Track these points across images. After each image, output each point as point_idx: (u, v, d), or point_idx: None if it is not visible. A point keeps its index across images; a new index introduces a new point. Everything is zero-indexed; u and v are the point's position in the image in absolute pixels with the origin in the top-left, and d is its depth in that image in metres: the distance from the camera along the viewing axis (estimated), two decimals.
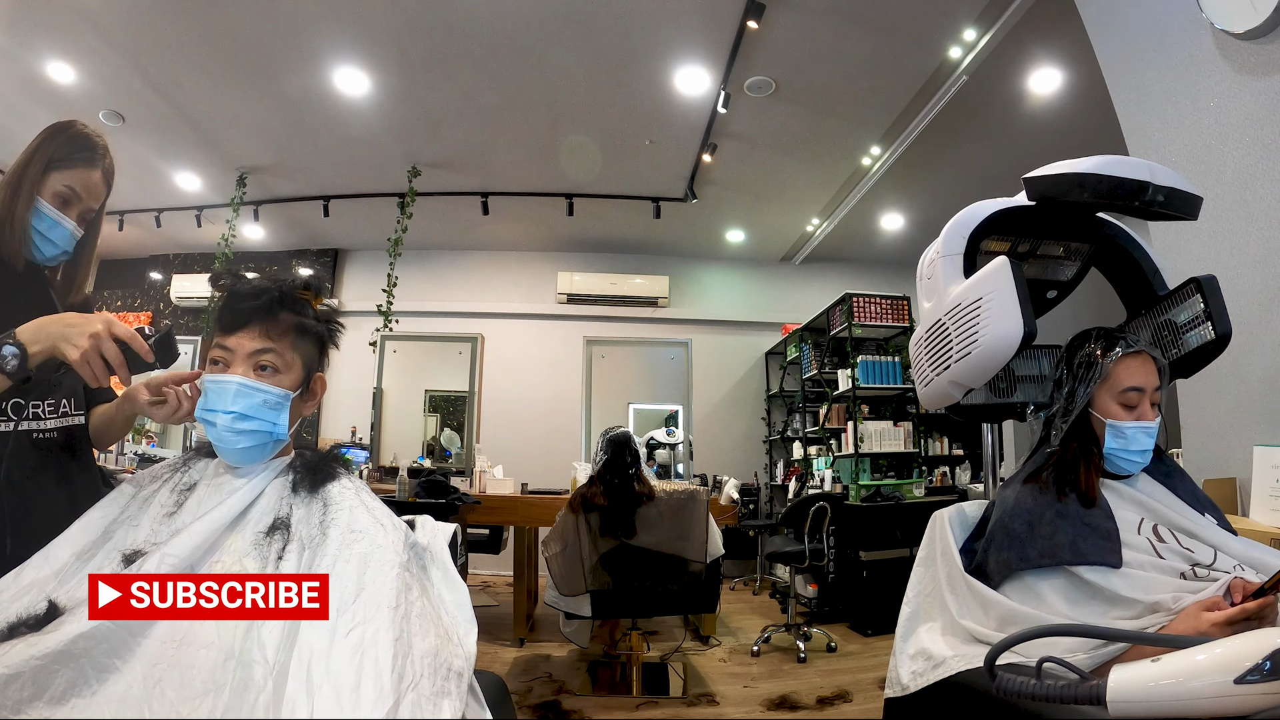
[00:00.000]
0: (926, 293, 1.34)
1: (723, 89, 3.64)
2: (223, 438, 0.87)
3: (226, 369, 0.88)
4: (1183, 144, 2.04)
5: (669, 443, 5.07)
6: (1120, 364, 1.12)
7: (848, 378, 4.80)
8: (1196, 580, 0.98)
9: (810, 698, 2.73)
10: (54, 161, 1.09)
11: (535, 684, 2.90)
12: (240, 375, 0.87)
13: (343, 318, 1.05)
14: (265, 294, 0.90)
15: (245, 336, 0.88)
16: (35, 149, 1.10)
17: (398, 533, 0.87)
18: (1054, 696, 0.67)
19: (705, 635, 3.69)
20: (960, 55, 3.37)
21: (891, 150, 4.26)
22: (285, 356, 0.90)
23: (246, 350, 0.88)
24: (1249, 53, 1.83)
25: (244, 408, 0.86)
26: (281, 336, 0.90)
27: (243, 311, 0.89)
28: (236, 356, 0.88)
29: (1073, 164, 1.15)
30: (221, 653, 0.73)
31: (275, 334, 0.90)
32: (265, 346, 0.89)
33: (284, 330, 0.91)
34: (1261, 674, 0.57)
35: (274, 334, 0.90)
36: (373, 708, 0.66)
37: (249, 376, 0.88)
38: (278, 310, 0.90)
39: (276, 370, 0.90)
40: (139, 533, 0.84)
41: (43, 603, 0.75)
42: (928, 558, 1.23)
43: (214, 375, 0.88)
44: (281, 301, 0.91)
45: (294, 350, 0.92)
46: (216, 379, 0.87)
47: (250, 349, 0.88)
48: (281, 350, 0.90)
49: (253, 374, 0.88)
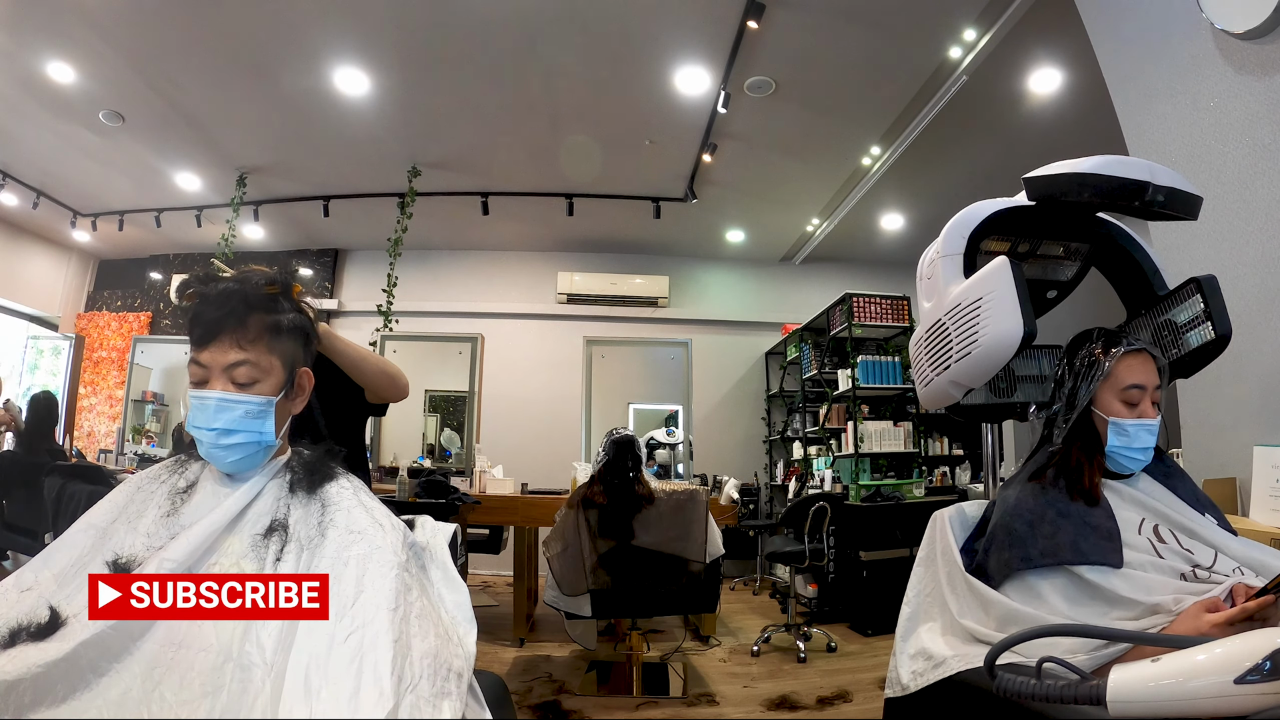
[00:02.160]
0: (926, 293, 1.34)
1: (723, 89, 3.64)
2: (211, 454, 0.87)
3: (205, 384, 0.86)
4: (1183, 144, 2.04)
5: (669, 443, 5.07)
6: (1122, 362, 1.12)
7: (848, 378, 4.80)
8: (1197, 581, 0.98)
9: (810, 698, 2.73)
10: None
11: (535, 684, 2.90)
12: (219, 390, 0.86)
13: (343, 318, 1.05)
14: (231, 301, 0.87)
15: (218, 350, 0.86)
16: None
17: (396, 533, 0.87)
18: (1054, 696, 0.67)
19: (705, 635, 3.69)
20: (960, 55, 3.37)
21: (891, 150, 4.26)
22: (262, 363, 0.88)
23: (221, 365, 0.86)
24: (1249, 53, 1.83)
25: (226, 423, 0.85)
26: (255, 343, 0.87)
27: (212, 323, 0.86)
28: (212, 371, 0.86)
29: (1073, 164, 1.16)
30: (220, 655, 0.73)
31: (247, 342, 0.87)
32: (239, 359, 0.86)
33: (256, 336, 0.88)
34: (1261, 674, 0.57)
35: (246, 342, 0.87)
36: (372, 709, 0.66)
37: (228, 390, 0.86)
38: (246, 317, 0.87)
39: (255, 380, 0.87)
40: (137, 536, 0.84)
41: (44, 609, 0.75)
42: (928, 558, 1.23)
43: (194, 391, 0.87)
44: (249, 306, 0.88)
45: (270, 353, 0.89)
46: (197, 395, 0.86)
47: (224, 363, 0.86)
48: (256, 358, 0.87)
49: (231, 387, 0.86)
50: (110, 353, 6.06)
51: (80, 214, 5.38)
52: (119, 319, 6.18)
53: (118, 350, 5.97)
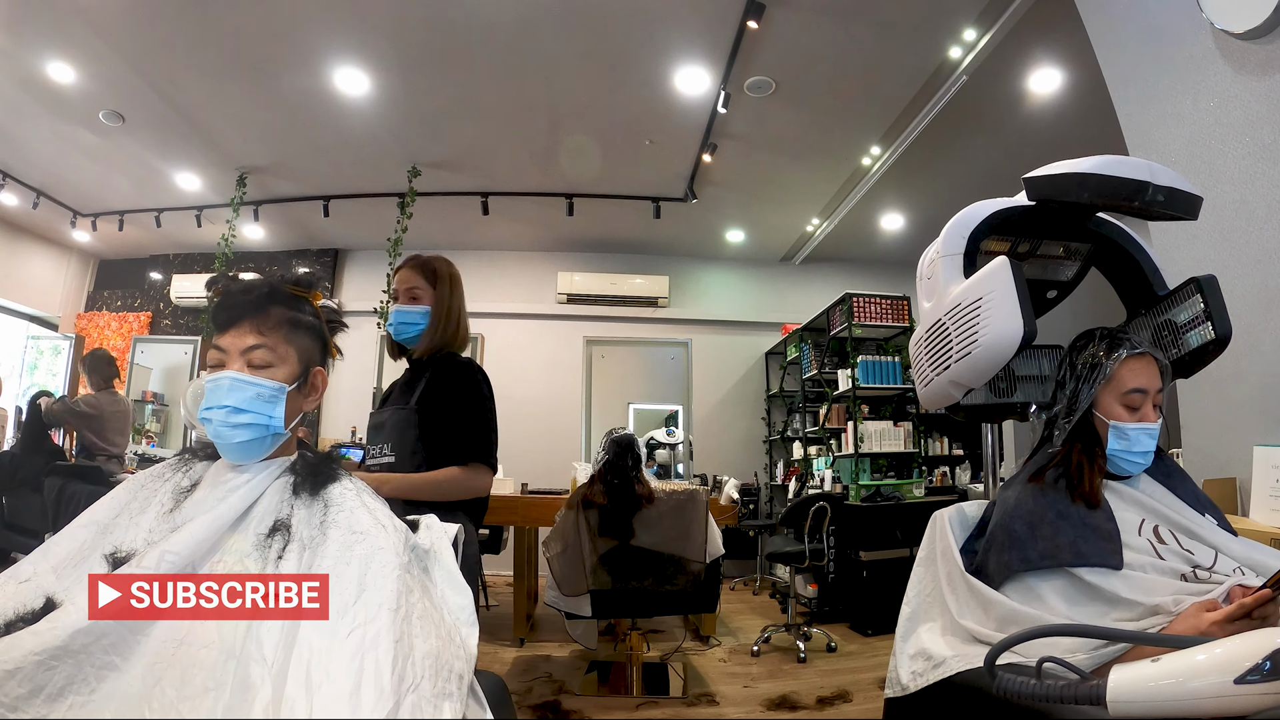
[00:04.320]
0: (926, 293, 1.34)
1: (723, 89, 3.64)
2: (219, 433, 0.87)
3: (222, 368, 0.89)
4: (1183, 144, 2.04)
5: (669, 443, 5.08)
6: (1124, 365, 1.11)
7: (848, 378, 4.80)
8: (1197, 582, 0.98)
9: (810, 698, 2.73)
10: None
11: (535, 684, 2.90)
12: (234, 371, 0.88)
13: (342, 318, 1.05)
14: (255, 290, 0.91)
15: (237, 334, 0.90)
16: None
17: (399, 534, 0.87)
18: (1054, 696, 0.67)
19: (705, 635, 3.69)
20: (960, 55, 3.37)
21: (891, 150, 4.26)
22: (278, 350, 0.91)
23: (239, 347, 0.89)
24: (1249, 53, 1.83)
25: (237, 401, 0.87)
26: (273, 330, 0.91)
27: (234, 309, 0.90)
28: (230, 354, 0.89)
29: (1073, 164, 1.15)
30: (222, 652, 0.73)
31: (266, 328, 0.91)
32: (256, 342, 0.89)
33: (275, 324, 0.91)
34: (1261, 674, 0.57)
35: (265, 328, 0.90)
36: (373, 709, 0.67)
37: (243, 372, 0.89)
38: (267, 305, 0.91)
39: (270, 364, 0.90)
40: (139, 531, 0.84)
41: (40, 598, 0.75)
42: (928, 558, 1.23)
43: (210, 376, 0.89)
44: (271, 296, 0.92)
45: (287, 344, 0.92)
46: (213, 377, 0.88)
47: (242, 345, 0.89)
48: (274, 344, 0.91)
49: (247, 370, 0.89)
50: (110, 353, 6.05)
51: (80, 214, 5.38)
52: (119, 319, 6.18)
53: (118, 350, 5.95)
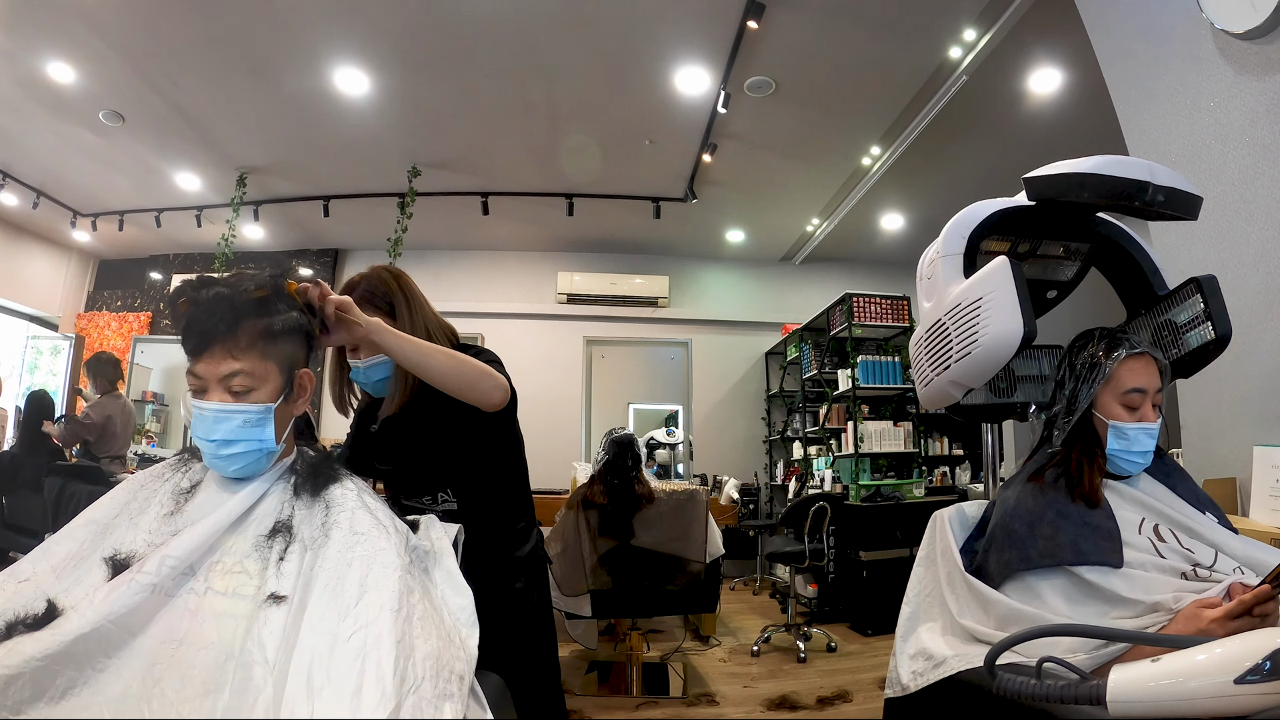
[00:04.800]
0: (926, 293, 1.34)
1: (723, 89, 3.64)
2: (213, 463, 0.87)
3: (203, 394, 0.86)
4: (1183, 144, 2.04)
5: (669, 443, 5.08)
6: (1123, 365, 1.11)
7: (848, 378, 4.80)
8: (1197, 580, 0.98)
9: (810, 698, 2.73)
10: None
11: None
12: (216, 401, 0.85)
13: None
14: (220, 310, 0.85)
15: (211, 361, 0.85)
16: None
17: (400, 535, 0.87)
18: (1054, 696, 0.67)
19: (705, 635, 3.69)
20: (960, 55, 3.37)
21: (891, 150, 4.26)
22: (256, 371, 0.87)
23: (216, 376, 0.85)
24: (1249, 53, 1.83)
25: (224, 433, 0.85)
26: (247, 351, 0.86)
27: (203, 334, 0.85)
28: (208, 382, 0.86)
29: (1073, 164, 1.15)
30: (221, 653, 0.73)
31: (239, 350, 0.85)
32: (233, 370, 0.85)
33: (249, 344, 0.86)
34: (1261, 674, 0.57)
35: (237, 351, 0.85)
36: (374, 709, 0.66)
37: (225, 399, 0.86)
38: (237, 325, 0.85)
39: (250, 388, 0.86)
40: (138, 532, 0.84)
41: (40, 601, 0.74)
42: (928, 558, 1.23)
43: (194, 401, 0.87)
44: (238, 314, 0.86)
45: (264, 359, 0.87)
46: (196, 405, 0.86)
47: (219, 374, 0.85)
48: (250, 366, 0.86)
49: (229, 396, 0.86)
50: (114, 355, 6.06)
51: (80, 214, 5.38)
52: (119, 319, 6.18)
53: (118, 350, 5.96)
